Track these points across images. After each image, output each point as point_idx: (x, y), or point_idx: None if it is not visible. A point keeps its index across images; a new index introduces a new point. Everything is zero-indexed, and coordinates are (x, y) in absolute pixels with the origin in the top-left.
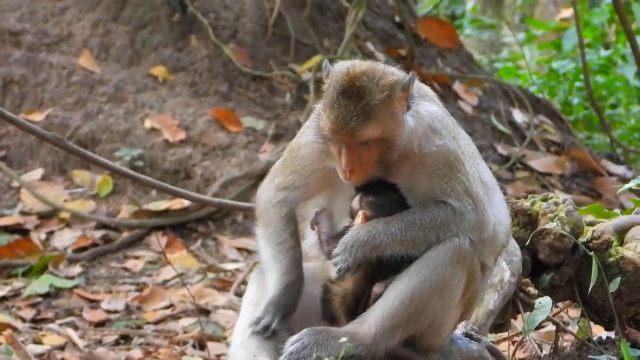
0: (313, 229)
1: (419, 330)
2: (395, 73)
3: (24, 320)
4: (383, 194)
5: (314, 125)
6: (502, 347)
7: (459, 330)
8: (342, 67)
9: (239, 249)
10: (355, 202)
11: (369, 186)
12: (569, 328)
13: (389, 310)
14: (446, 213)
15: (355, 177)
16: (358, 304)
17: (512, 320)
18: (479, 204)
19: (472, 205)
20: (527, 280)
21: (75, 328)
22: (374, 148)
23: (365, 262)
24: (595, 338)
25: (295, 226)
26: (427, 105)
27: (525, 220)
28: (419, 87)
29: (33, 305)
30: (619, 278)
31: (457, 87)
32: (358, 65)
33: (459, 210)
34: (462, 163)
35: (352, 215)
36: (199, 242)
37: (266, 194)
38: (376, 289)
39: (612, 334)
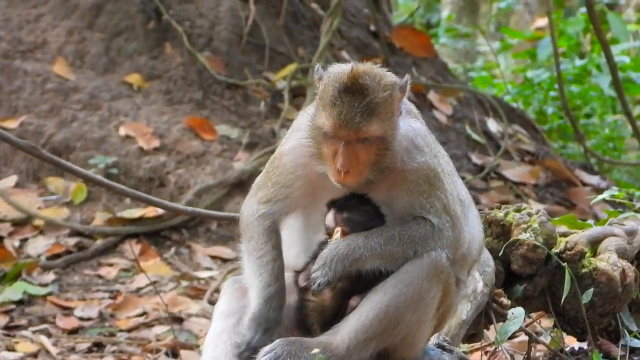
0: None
1: (393, 343)
2: (391, 75)
3: None
4: (357, 209)
5: (304, 128)
6: (475, 357)
7: (432, 340)
8: (342, 68)
9: (213, 257)
10: (330, 220)
11: (342, 201)
12: (542, 339)
13: (363, 323)
14: (425, 229)
15: (350, 178)
16: (335, 317)
17: (485, 330)
18: (456, 221)
19: (449, 222)
20: (500, 290)
21: (49, 335)
22: (372, 147)
23: (345, 276)
24: (567, 349)
25: (277, 239)
26: (412, 121)
27: (498, 231)
28: (405, 102)
29: (6, 313)
30: (591, 289)
31: (432, 96)
32: (358, 64)
33: (437, 227)
34: (441, 181)
35: (328, 232)
36: (173, 250)
37: (249, 208)
38: (353, 302)
39: (584, 345)
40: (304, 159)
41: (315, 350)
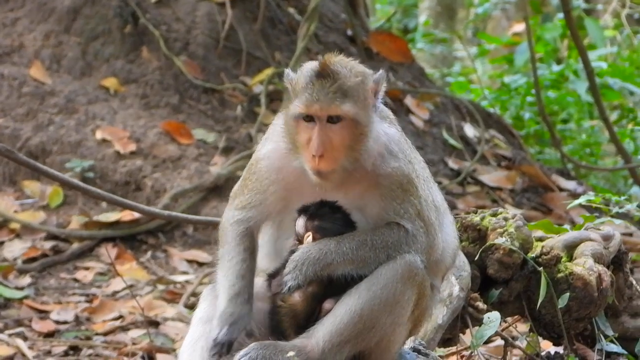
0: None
1: (368, 346)
2: (365, 67)
3: None
4: (329, 216)
5: (279, 130)
6: None
7: (407, 344)
8: (313, 62)
9: (189, 261)
10: (300, 227)
11: (313, 209)
12: (518, 343)
13: (338, 326)
14: (398, 234)
15: (324, 163)
16: (308, 320)
17: (461, 334)
18: (429, 227)
19: (423, 228)
20: (476, 295)
21: (25, 339)
22: (346, 131)
23: (316, 281)
24: (543, 353)
25: (250, 243)
26: (386, 127)
27: (474, 236)
28: (381, 108)
29: None
30: (567, 294)
31: (409, 101)
32: (330, 55)
33: (411, 232)
34: (415, 187)
35: (298, 239)
36: (149, 253)
37: (226, 215)
38: (327, 305)
39: (560, 349)
40: (279, 162)
41: (291, 354)
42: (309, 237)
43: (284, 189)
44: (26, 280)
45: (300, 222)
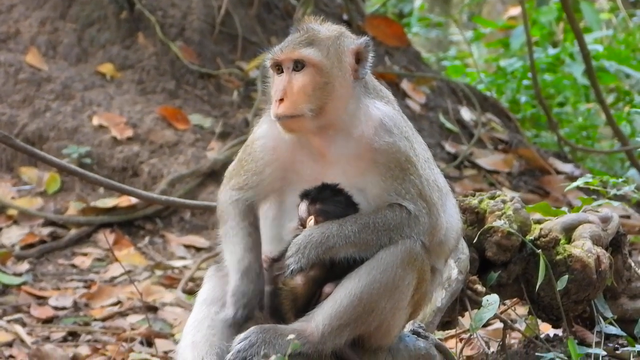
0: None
1: (367, 330)
2: (360, 37)
3: None
4: (330, 200)
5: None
6: (450, 344)
7: (407, 327)
8: None
9: (187, 246)
10: (303, 211)
11: (315, 193)
12: (517, 326)
13: (338, 310)
14: (400, 216)
15: (282, 108)
16: (308, 304)
17: (460, 317)
18: (432, 208)
19: (425, 209)
20: (475, 278)
21: (23, 325)
22: (308, 77)
23: (317, 264)
24: (542, 335)
25: (253, 218)
26: (381, 104)
27: (472, 218)
28: (379, 88)
29: None
30: (566, 276)
31: (405, 85)
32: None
33: (413, 213)
34: (414, 165)
35: (301, 223)
36: (147, 239)
37: (223, 196)
38: (327, 289)
39: (559, 332)
40: (273, 142)
41: (291, 336)
42: (311, 221)
43: (280, 168)
44: (24, 266)
45: (303, 207)
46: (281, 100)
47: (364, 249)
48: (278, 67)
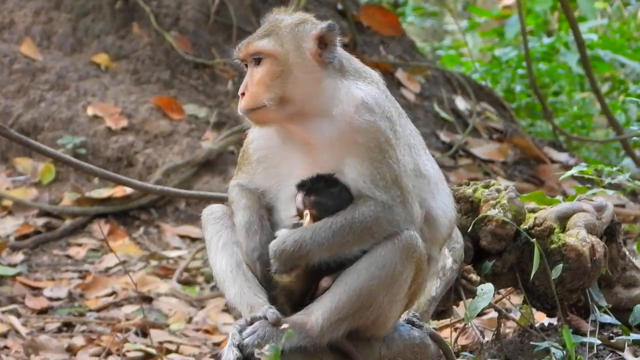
0: None
1: (365, 323)
2: (324, 21)
3: None
4: (325, 191)
5: None
6: (445, 333)
7: (402, 317)
8: None
9: (182, 237)
10: (299, 202)
11: (309, 184)
12: (511, 315)
13: (337, 305)
14: (376, 211)
15: (244, 101)
16: (304, 297)
17: (454, 307)
18: (407, 195)
19: (400, 197)
20: (469, 267)
21: (18, 316)
22: (265, 68)
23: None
24: (537, 325)
25: (259, 197)
26: (363, 84)
27: (467, 207)
28: (362, 70)
29: None
30: (561, 265)
31: (400, 74)
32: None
33: (387, 205)
34: (393, 148)
35: (298, 213)
36: (142, 229)
37: (230, 188)
38: (324, 283)
39: (554, 321)
40: (265, 141)
41: (285, 326)
42: (307, 217)
43: (273, 165)
44: (19, 257)
45: (299, 198)
46: (243, 94)
47: (341, 250)
48: (245, 65)
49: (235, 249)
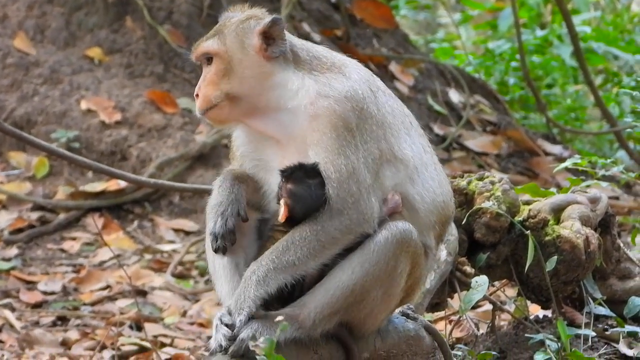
0: None
1: (358, 317)
2: (266, 13)
3: None
4: (302, 182)
5: None
6: (439, 326)
7: (396, 309)
8: None
9: (176, 230)
10: (278, 189)
11: (289, 171)
12: (506, 307)
13: (329, 299)
14: (322, 220)
15: (198, 102)
16: (294, 289)
17: (449, 299)
18: (362, 191)
19: (355, 194)
20: (464, 259)
21: (12, 310)
22: (213, 67)
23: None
24: (532, 317)
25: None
26: (320, 72)
27: (461, 200)
28: (325, 56)
29: None
30: (555, 257)
31: (393, 67)
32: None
33: (335, 209)
34: (352, 132)
35: (277, 200)
36: (136, 223)
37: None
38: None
39: (549, 313)
40: (246, 137)
41: (279, 318)
42: (282, 208)
43: (253, 159)
44: (13, 251)
45: (279, 184)
46: (197, 95)
47: (301, 269)
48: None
49: (236, 247)
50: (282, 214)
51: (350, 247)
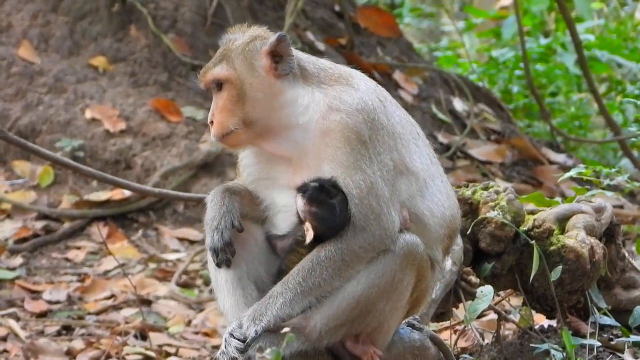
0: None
1: (365, 330)
2: (270, 32)
3: None
4: (325, 202)
5: None
6: (444, 336)
7: None
8: None
9: (180, 239)
10: (300, 205)
11: (311, 192)
12: (511, 317)
13: (335, 311)
14: (346, 238)
15: (213, 129)
16: None
17: (454, 309)
18: (383, 205)
19: (376, 210)
20: (469, 269)
21: (17, 319)
22: (226, 93)
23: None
24: (537, 326)
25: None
26: (326, 86)
27: (466, 209)
28: (327, 69)
29: None
30: (560, 266)
31: (397, 76)
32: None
33: (359, 226)
34: (366, 145)
35: (300, 220)
36: (140, 232)
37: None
38: None
39: (553, 323)
40: (254, 157)
41: (286, 330)
42: (308, 231)
43: (262, 178)
44: (18, 260)
45: (300, 202)
46: (212, 122)
47: (320, 291)
48: (209, 91)
49: (240, 261)
50: (308, 236)
51: None
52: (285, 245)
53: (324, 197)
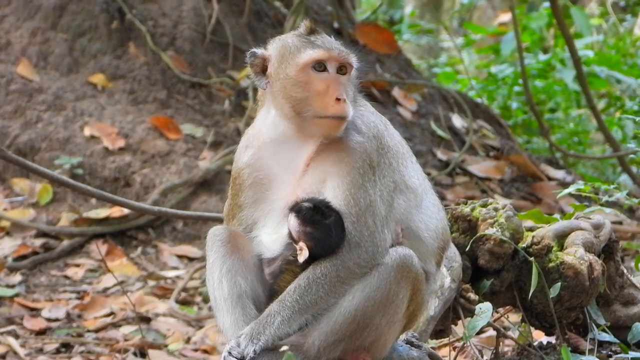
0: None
1: (362, 344)
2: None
3: None
4: (320, 223)
5: (258, 125)
6: (443, 353)
7: (400, 337)
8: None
9: (179, 257)
10: (293, 226)
11: (305, 212)
12: (510, 333)
13: (333, 327)
14: (341, 254)
15: (348, 108)
16: None
17: (453, 326)
18: (378, 224)
19: (371, 227)
20: (468, 286)
21: (16, 337)
22: (349, 82)
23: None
24: (536, 343)
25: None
26: (357, 110)
27: (465, 226)
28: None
29: None
30: (559, 283)
31: (396, 92)
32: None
33: (353, 242)
34: (374, 170)
35: (291, 238)
36: (139, 249)
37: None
38: None
39: (552, 339)
40: (258, 164)
41: (284, 348)
42: (302, 251)
43: (263, 189)
44: (17, 278)
45: (293, 221)
46: (344, 101)
47: (316, 308)
48: (320, 65)
49: (240, 280)
50: (302, 256)
51: None
52: (274, 270)
53: (318, 218)
